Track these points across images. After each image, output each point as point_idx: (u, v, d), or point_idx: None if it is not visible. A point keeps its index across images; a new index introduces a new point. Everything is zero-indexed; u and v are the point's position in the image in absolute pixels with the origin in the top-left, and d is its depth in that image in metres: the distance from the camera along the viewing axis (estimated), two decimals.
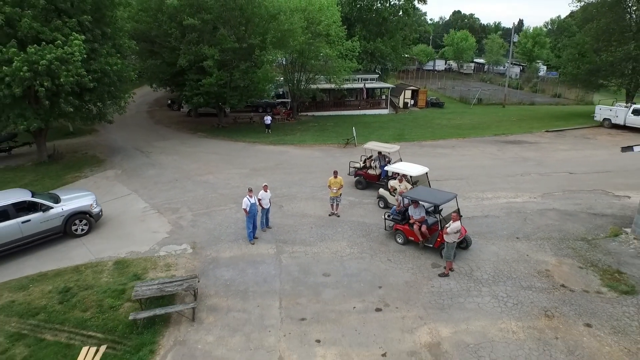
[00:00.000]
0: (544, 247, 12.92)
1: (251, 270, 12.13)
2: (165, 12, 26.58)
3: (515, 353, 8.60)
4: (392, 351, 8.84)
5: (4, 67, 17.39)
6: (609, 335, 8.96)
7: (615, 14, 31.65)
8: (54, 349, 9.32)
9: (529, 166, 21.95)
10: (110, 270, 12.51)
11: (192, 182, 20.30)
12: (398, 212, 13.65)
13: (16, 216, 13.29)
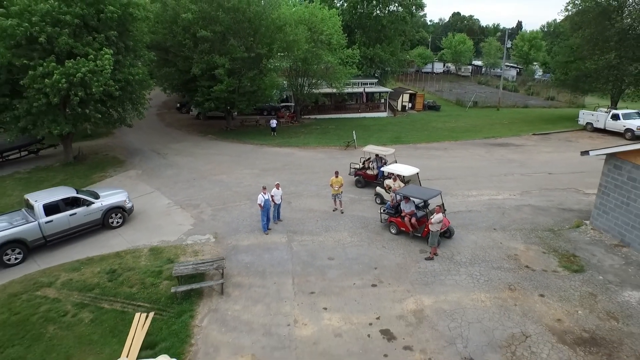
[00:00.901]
0: (515, 237, 15.16)
1: (267, 255, 14.37)
2: (180, 24, 28.76)
3: (481, 316, 10.84)
4: (384, 316, 11.08)
5: (45, 79, 19.64)
6: (556, 302, 11.20)
7: (599, 25, 33.82)
8: (112, 314, 11.57)
9: (513, 167, 24.20)
10: (146, 255, 14.75)
11: (208, 181, 22.54)
12: (392, 206, 15.91)
13: (65, 210, 15.56)
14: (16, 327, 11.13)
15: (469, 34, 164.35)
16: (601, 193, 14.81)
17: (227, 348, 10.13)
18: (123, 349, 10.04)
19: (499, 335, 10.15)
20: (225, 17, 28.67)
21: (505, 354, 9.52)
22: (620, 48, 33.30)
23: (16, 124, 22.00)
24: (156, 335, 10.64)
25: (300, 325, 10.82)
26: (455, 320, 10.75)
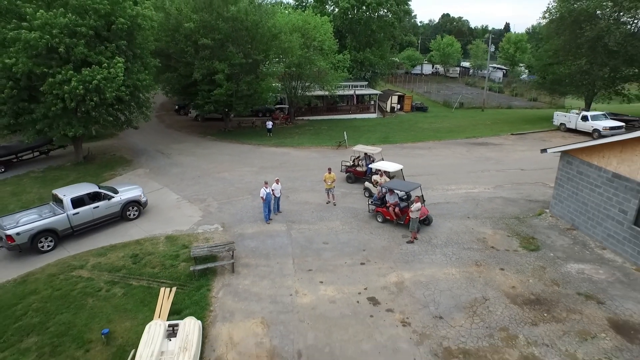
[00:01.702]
0: (485, 224, 17.46)
1: (270, 241, 16.50)
2: (182, 32, 30.73)
3: (451, 286, 13.09)
4: (370, 287, 13.28)
5: (64, 86, 21.57)
6: (513, 274, 13.50)
7: (572, 33, 36.42)
8: (140, 289, 13.63)
9: (489, 164, 26.58)
10: (163, 242, 16.81)
11: (211, 178, 24.59)
12: (378, 198, 18.13)
13: (89, 203, 17.55)
14: (60, 299, 13.16)
15: (458, 36, 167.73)
16: (557, 185, 17.17)
17: (241, 313, 12.25)
18: (154, 314, 12.12)
19: (464, 299, 12.40)
20: (225, 26, 30.70)
21: (468, 313, 11.77)
22: (590, 55, 35.92)
23: (33, 127, 23.85)
24: (180, 304, 12.72)
25: (301, 295, 12.98)
26: (429, 289, 12.99)
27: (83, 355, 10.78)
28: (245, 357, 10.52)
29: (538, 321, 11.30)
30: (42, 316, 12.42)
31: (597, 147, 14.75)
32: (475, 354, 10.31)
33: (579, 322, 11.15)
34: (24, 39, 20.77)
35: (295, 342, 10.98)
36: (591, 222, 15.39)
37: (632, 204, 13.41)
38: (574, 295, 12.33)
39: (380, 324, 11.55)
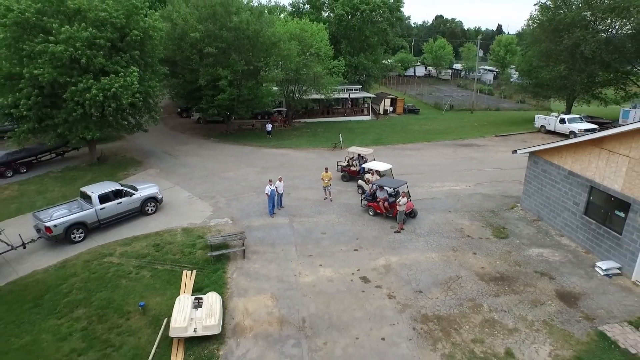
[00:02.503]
0: (464, 216, 19.87)
1: (274, 232, 18.81)
2: (188, 41, 32.92)
3: (431, 267, 15.46)
4: (362, 268, 15.62)
5: (86, 94, 23.76)
6: (483, 257, 15.91)
7: (552, 40, 38.98)
8: (165, 272, 15.89)
9: (473, 164, 29.03)
10: (180, 233, 19.07)
11: (218, 177, 26.83)
12: (370, 194, 20.49)
13: (113, 199, 19.77)
14: (98, 280, 15.41)
15: (451, 37, 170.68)
16: (526, 182, 19.62)
17: (253, 290, 14.55)
18: (180, 291, 14.40)
19: (440, 277, 14.78)
20: (228, 35, 32.93)
21: (443, 288, 14.15)
22: (569, 61, 38.47)
23: (55, 131, 26.01)
24: (201, 283, 15.00)
25: (303, 276, 15.31)
26: (412, 270, 15.35)
27: (125, 323, 13.05)
28: (259, 323, 12.83)
29: (500, 293, 13.71)
30: (85, 293, 14.66)
31: (557, 148, 17.19)
32: (447, 318, 12.69)
33: (532, 293, 13.56)
34: (50, 52, 22.94)
35: (300, 311, 13.30)
36: (552, 213, 17.84)
37: (582, 197, 15.86)
38: (531, 273, 14.76)
39: (370, 297, 13.90)
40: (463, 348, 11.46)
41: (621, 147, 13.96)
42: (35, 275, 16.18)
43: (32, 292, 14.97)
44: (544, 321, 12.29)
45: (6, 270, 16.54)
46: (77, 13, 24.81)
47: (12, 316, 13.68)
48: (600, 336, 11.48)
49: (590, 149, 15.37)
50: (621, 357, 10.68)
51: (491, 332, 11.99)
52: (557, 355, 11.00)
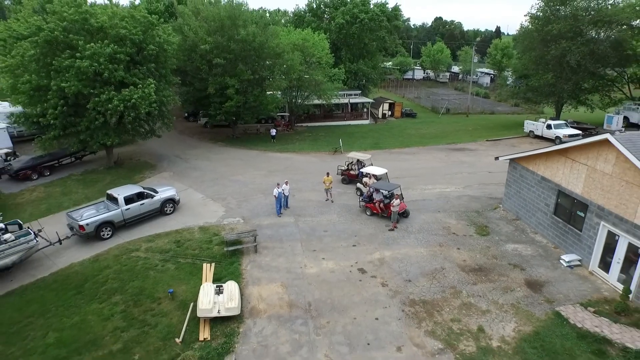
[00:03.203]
0: (451, 216, 22.15)
1: (282, 230, 21.09)
2: (198, 52, 35.21)
3: (419, 260, 17.74)
4: (360, 261, 17.89)
5: (108, 104, 26.05)
6: (466, 252, 18.20)
7: (541, 50, 41.28)
8: (187, 265, 18.17)
9: (463, 167, 31.30)
10: (197, 231, 21.34)
11: (227, 180, 29.10)
12: (367, 196, 22.77)
13: (137, 201, 22.05)
14: (129, 272, 17.69)
15: (449, 39, 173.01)
16: (507, 185, 21.91)
17: (265, 279, 16.84)
18: (202, 280, 16.67)
19: (427, 269, 17.07)
20: (235, 47, 35.20)
21: (429, 277, 16.43)
22: (557, 70, 40.78)
23: (77, 137, 28.29)
24: (219, 274, 17.27)
25: (308, 267, 17.59)
26: (403, 263, 17.64)
27: (157, 306, 15.33)
28: (272, 306, 15.11)
29: (477, 282, 16.01)
30: (119, 282, 16.95)
31: (532, 156, 19.47)
32: (431, 302, 14.98)
33: (504, 282, 15.86)
34: (76, 66, 25.22)
35: (306, 297, 15.59)
36: (528, 213, 20.13)
37: (552, 199, 18.14)
38: (506, 265, 17.06)
39: (366, 285, 16.19)
40: (443, 326, 13.75)
41: (581, 156, 16.24)
42: (73, 267, 18.49)
43: (74, 282, 17.27)
44: (512, 304, 14.59)
45: (47, 263, 18.84)
46: (99, 30, 27.12)
47: (60, 301, 15.99)
48: (556, 315, 13.77)
49: (558, 157, 17.66)
50: (570, 331, 12.97)
51: (467, 313, 14.29)
52: (520, 330, 13.29)
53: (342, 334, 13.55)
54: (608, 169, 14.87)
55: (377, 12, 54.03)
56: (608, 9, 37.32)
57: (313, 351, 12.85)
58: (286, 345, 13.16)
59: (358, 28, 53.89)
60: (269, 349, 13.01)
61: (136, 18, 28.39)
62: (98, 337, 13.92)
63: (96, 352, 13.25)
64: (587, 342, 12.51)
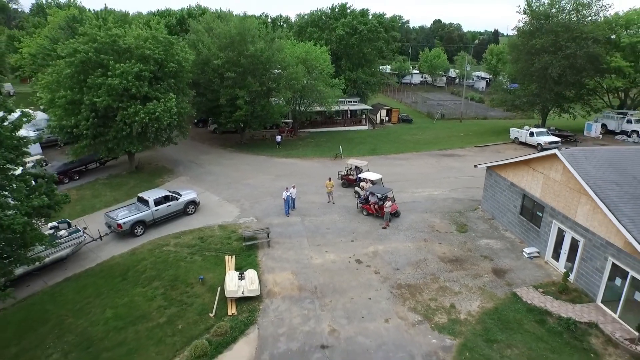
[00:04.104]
0: (436, 216, 25.57)
1: (290, 228, 24.50)
2: (211, 66, 38.65)
3: (407, 253, 21.17)
4: (357, 254, 21.31)
5: (135, 117, 29.47)
6: (446, 246, 21.63)
7: (526, 62, 44.73)
8: (212, 257, 21.58)
9: (451, 172, 34.72)
10: (217, 229, 24.76)
11: (240, 184, 32.51)
12: (364, 199, 26.19)
13: (164, 202, 25.47)
14: (163, 263, 21.12)
15: (448, 42, 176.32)
16: (484, 189, 25.34)
17: (278, 269, 20.25)
18: (226, 269, 20.09)
19: (413, 260, 20.50)
20: (245, 61, 38.64)
21: (414, 267, 19.86)
22: (541, 81, 44.21)
23: (105, 145, 31.71)
24: (240, 264, 20.69)
25: (314, 259, 21.02)
26: (393, 255, 21.06)
27: (191, 290, 18.76)
28: (285, 289, 18.53)
29: (453, 270, 19.44)
30: (156, 271, 20.38)
31: (504, 165, 22.91)
32: (414, 286, 18.40)
33: (475, 270, 19.30)
34: (108, 84, 28.66)
35: (312, 282, 19.01)
36: (501, 213, 23.56)
37: (518, 201, 21.58)
38: (478, 256, 20.50)
39: (361, 273, 19.62)
40: (422, 304, 17.19)
41: (540, 166, 19.66)
42: (114, 259, 21.95)
43: (117, 271, 20.72)
44: (479, 287, 18.03)
45: (92, 256, 22.29)
46: (126, 50, 30.57)
47: (110, 285, 19.44)
48: (513, 295, 17.22)
49: (523, 167, 21.09)
50: (521, 306, 16.43)
51: (443, 294, 17.73)
52: (483, 306, 16.74)
53: (342, 310, 16.99)
54: (558, 177, 18.29)
55: (375, 24, 57.43)
56: (585, 26, 40.71)
57: (319, 322, 16.28)
58: (297, 318, 16.60)
59: (357, 39, 57.26)
60: (284, 321, 16.45)
61: (158, 39, 31.84)
62: (146, 312, 17.37)
63: (147, 323, 16.70)
64: (533, 314, 15.96)
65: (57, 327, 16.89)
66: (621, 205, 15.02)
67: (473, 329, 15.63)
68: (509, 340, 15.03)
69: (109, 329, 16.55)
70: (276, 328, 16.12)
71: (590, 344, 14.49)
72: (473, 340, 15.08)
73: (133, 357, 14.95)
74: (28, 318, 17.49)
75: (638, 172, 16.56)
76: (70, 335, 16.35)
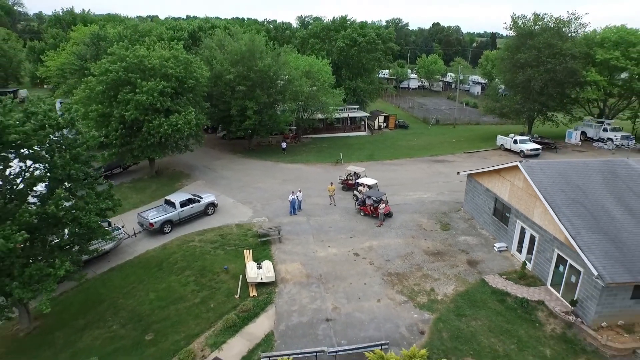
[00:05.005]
0: (424, 216, 29.49)
1: (298, 226, 28.40)
2: (223, 80, 42.57)
3: (397, 247, 25.07)
4: (355, 248, 25.22)
5: (159, 128, 33.39)
6: (430, 241, 25.55)
7: (512, 74, 48.68)
8: (232, 251, 25.48)
9: (440, 177, 38.63)
10: (235, 228, 28.66)
11: (251, 187, 36.41)
12: (361, 201, 30.12)
13: (188, 204, 29.38)
14: (191, 255, 25.03)
15: (446, 46, 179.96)
16: (465, 193, 29.27)
17: (289, 260, 24.16)
18: (245, 261, 23.99)
19: (402, 253, 24.41)
20: (254, 75, 42.57)
21: (402, 259, 23.78)
22: (525, 92, 48.14)
23: (131, 153, 35.63)
24: (256, 257, 24.57)
25: (318, 252, 24.93)
26: (385, 249, 24.97)
27: (217, 277, 22.66)
28: (295, 276, 22.43)
29: (435, 261, 23.37)
30: (186, 263, 24.28)
31: (480, 173, 26.83)
32: (402, 274, 22.31)
33: (453, 261, 23.23)
34: (136, 99, 32.58)
35: (318, 271, 22.92)
36: (478, 214, 27.49)
37: (491, 204, 25.51)
38: (456, 250, 24.43)
39: (359, 263, 23.53)
40: (408, 287, 21.11)
41: (507, 175, 23.59)
42: (149, 253, 25.86)
43: (153, 262, 24.64)
44: (455, 275, 21.96)
45: (129, 250, 26.20)
46: (151, 69, 34.49)
47: (148, 274, 23.36)
48: (481, 281, 21.16)
49: (495, 175, 25.02)
50: (487, 289, 20.38)
51: (425, 280, 21.65)
52: (457, 290, 20.67)
53: (342, 292, 20.92)
54: (520, 184, 22.21)
55: (373, 37, 61.35)
56: (564, 43, 44.64)
57: (324, 302, 20.21)
58: (306, 299, 20.52)
59: (357, 50, 61.27)
60: (296, 301, 20.38)
61: (179, 58, 35.80)
62: (182, 295, 21.30)
63: (184, 303, 20.63)
64: (496, 295, 19.90)
65: (112, 306, 20.83)
66: (563, 208, 18.94)
67: (447, 307, 19.57)
68: (474, 315, 18.97)
69: (154, 308, 20.49)
70: (289, 306, 20.05)
71: (536, 317, 18.45)
72: (446, 315, 19.02)
73: (177, 328, 18.88)
74: (87, 299, 21.43)
75: (580, 181, 20.47)
76: (123, 312, 20.30)
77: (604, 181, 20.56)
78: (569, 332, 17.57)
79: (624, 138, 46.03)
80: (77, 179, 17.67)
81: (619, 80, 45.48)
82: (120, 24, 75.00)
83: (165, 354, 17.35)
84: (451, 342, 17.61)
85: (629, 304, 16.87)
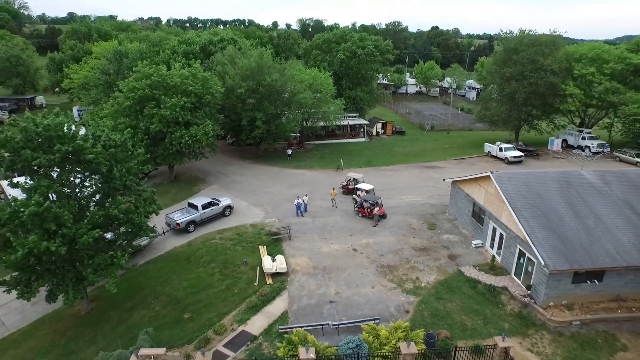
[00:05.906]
0: (414, 217, 33.79)
1: (304, 226, 32.70)
2: (235, 94, 46.90)
3: (389, 244, 29.39)
4: (354, 244, 29.53)
5: (181, 140, 37.72)
6: (418, 239, 29.87)
7: (499, 86, 53.01)
8: (249, 247, 29.79)
9: (430, 182, 42.92)
10: (250, 227, 32.98)
11: (261, 191, 40.72)
12: (359, 204, 34.43)
13: (209, 207, 33.70)
14: (214, 251, 29.34)
15: (444, 49, 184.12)
16: (450, 197, 33.60)
17: (298, 255, 28.47)
18: (261, 255, 28.28)
19: (393, 248, 28.73)
20: (263, 89, 46.90)
21: (394, 254, 28.09)
22: (511, 103, 52.46)
23: (154, 161, 39.97)
24: (270, 252, 28.86)
25: (323, 248, 29.23)
26: (379, 245, 29.27)
27: (238, 269, 26.97)
28: (303, 268, 26.75)
29: (421, 255, 27.70)
30: (210, 257, 28.60)
31: (462, 180, 31.15)
32: (393, 266, 26.63)
33: (436, 256, 27.56)
34: (160, 114, 36.92)
35: (322, 263, 27.24)
36: (460, 215, 31.80)
37: (470, 207, 29.84)
38: (440, 246, 28.77)
39: (356, 257, 27.86)
40: (398, 277, 25.43)
41: (483, 183, 27.92)
42: (177, 249, 30.19)
43: (182, 257, 28.96)
44: (437, 267, 26.29)
45: (159, 247, 30.52)
46: (173, 87, 38.83)
47: (179, 267, 27.69)
48: (459, 271, 25.49)
49: (474, 182, 29.34)
50: (463, 278, 24.71)
51: (412, 271, 25.98)
52: (438, 279, 25.01)
53: (343, 280, 25.25)
54: (492, 191, 26.53)
55: (372, 49, 65.68)
56: (545, 59, 48.96)
57: (328, 288, 24.55)
58: (313, 285, 24.86)
59: (356, 62, 65.61)
60: (305, 287, 24.71)
61: (197, 76, 40.18)
62: (210, 283, 25.63)
63: (212, 289, 24.97)
64: (469, 283, 24.24)
65: (152, 291, 25.18)
66: (523, 211, 23.26)
67: (429, 292, 23.91)
68: (450, 298, 23.31)
69: (187, 293, 24.82)
70: (299, 291, 24.38)
71: (500, 299, 22.80)
72: (427, 298, 23.37)
73: (209, 308, 23.22)
74: (130, 286, 25.78)
75: (540, 189, 24.77)
76: (162, 297, 24.64)
77: (559, 189, 24.89)
78: (525, 310, 21.91)
79: (600, 146, 50.45)
80: (131, 187, 22.02)
81: (595, 93, 49.76)
82: (132, 33, 79.42)
83: (202, 327, 21.68)
84: (430, 319, 21.94)
85: (570, 287, 21.19)
